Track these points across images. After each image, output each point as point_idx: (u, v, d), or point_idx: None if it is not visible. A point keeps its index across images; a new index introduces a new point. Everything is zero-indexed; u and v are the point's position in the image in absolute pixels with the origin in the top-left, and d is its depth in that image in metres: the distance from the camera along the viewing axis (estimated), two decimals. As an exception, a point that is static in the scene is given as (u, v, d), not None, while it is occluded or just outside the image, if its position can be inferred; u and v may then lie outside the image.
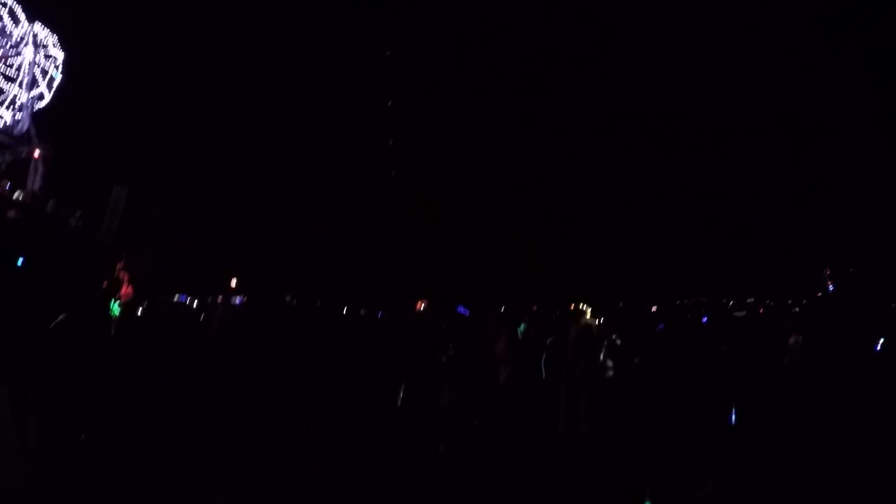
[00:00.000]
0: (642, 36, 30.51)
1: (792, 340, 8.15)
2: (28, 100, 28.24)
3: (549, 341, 8.91)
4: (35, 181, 27.57)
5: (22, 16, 27.66)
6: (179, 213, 31.24)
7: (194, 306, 22.72)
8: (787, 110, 27.57)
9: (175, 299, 27.38)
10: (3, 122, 27.33)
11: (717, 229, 31.46)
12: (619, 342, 7.84)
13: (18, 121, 27.85)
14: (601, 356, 7.65)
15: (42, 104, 29.12)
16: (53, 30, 29.19)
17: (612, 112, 33.52)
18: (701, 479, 6.71)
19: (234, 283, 27.25)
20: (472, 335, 8.23)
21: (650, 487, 6.93)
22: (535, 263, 34.48)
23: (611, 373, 7.47)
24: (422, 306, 12.12)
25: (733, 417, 7.15)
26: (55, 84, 29.53)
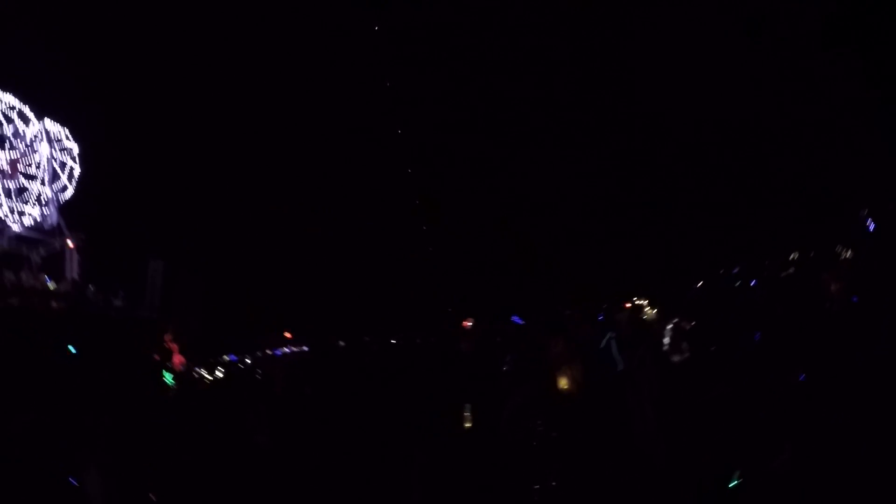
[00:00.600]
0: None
1: (834, 288, 8.07)
2: (52, 194, 28.97)
3: (608, 335, 8.91)
4: (72, 270, 28.26)
5: (31, 115, 28.43)
6: (217, 275, 31.80)
7: (248, 363, 23.07)
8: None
9: (226, 359, 27.88)
10: (31, 219, 28.06)
11: (734, 200, 31.07)
12: (687, 326, 7.80)
13: (46, 215, 28.59)
14: (666, 341, 7.64)
15: (66, 195, 29.84)
16: (63, 123, 29.95)
17: (619, 109, 33.46)
18: (778, 446, 6.67)
19: (287, 334, 27.61)
20: (528, 345, 8.28)
21: (724, 467, 6.87)
22: (568, 260, 34.38)
23: (685, 355, 7.44)
24: (469, 324, 12.19)
25: (801, 377, 7.10)
26: (75, 174, 30.26)
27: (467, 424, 7.67)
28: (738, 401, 6.79)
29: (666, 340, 7.58)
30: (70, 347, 25.02)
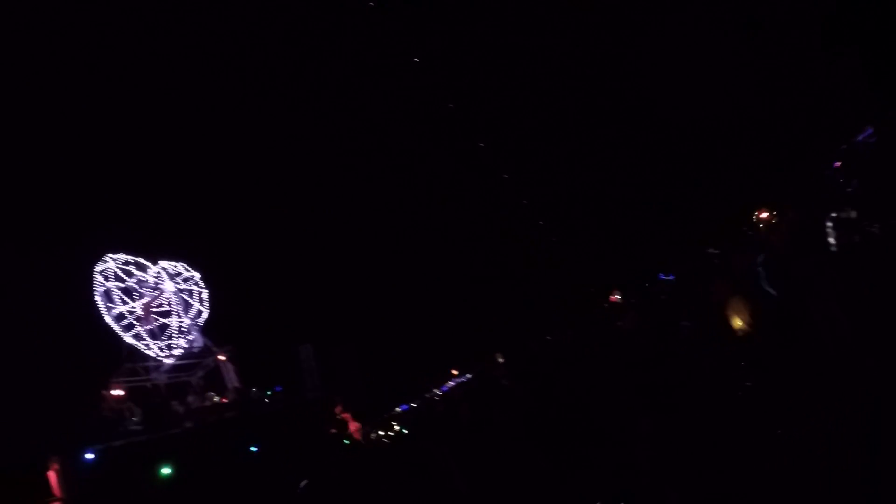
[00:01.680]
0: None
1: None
2: (190, 321, 30.56)
3: (759, 258, 8.48)
4: (231, 380, 29.70)
5: (146, 262, 30.17)
6: (364, 338, 32.71)
7: (421, 408, 23.55)
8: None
9: (399, 411, 28.66)
10: (180, 349, 29.71)
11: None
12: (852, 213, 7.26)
13: (192, 340, 30.21)
14: (832, 240, 7.17)
15: (204, 317, 31.40)
16: (177, 259, 31.65)
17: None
18: None
19: (453, 371, 28.17)
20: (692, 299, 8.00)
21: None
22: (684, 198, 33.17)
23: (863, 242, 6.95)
24: (617, 298, 11.94)
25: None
26: (204, 296, 31.82)
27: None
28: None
29: (832, 240, 7.07)
30: (252, 448, 26.41)
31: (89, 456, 23.36)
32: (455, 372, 29.09)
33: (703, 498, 6.14)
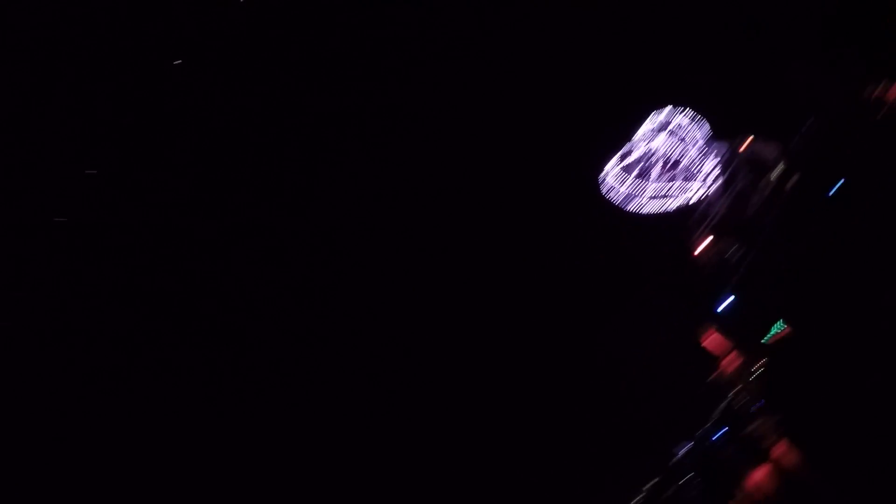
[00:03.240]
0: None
1: None
2: (701, 144, 32.53)
3: None
4: (770, 152, 30.88)
5: (626, 146, 33.36)
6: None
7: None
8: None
9: None
10: (715, 172, 31.93)
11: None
12: None
13: (715, 156, 32.16)
14: None
15: (706, 131, 32.96)
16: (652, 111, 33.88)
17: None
18: None
19: None
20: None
21: None
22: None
23: None
24: None
25: None
26: (691, 115, 33.40)
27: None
28: None
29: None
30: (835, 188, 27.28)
31: (727, 302, 27.86)
32: None
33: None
